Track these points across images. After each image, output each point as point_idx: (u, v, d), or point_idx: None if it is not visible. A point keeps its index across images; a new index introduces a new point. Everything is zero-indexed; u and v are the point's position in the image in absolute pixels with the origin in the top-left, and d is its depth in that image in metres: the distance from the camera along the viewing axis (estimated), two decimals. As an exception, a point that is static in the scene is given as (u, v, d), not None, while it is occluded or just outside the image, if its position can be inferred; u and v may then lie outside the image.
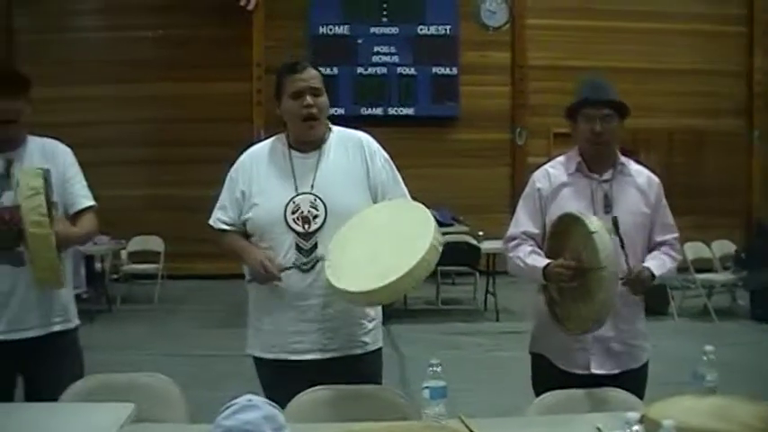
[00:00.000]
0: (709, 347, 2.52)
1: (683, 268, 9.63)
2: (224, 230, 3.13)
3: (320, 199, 3.01)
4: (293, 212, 3.00)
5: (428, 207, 2.90)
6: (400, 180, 3.18)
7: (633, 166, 3.30)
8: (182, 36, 12.14)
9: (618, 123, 3.19)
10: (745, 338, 8.31)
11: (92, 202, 3.35)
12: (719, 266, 10.04)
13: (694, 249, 9.79)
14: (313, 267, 2.95)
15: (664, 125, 12.64)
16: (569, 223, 3.00)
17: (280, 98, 3.10)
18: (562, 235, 3.06)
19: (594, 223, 2.85)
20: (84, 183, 3.36)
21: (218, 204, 3.18)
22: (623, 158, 3.27)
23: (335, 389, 2.81)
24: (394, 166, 3.19)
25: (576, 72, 11.61)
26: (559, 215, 3.07)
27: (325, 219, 2.99)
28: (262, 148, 3.21)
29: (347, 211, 2.98)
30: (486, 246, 9.32)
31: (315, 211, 3.00)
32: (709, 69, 12.81)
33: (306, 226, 2.99)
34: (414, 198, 3.10)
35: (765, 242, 9.67)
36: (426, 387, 2.30)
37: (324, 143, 3.12)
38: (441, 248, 2.71)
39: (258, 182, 3.08)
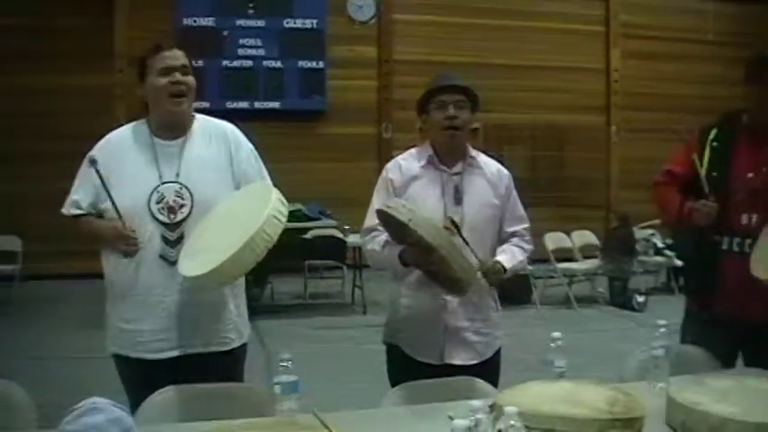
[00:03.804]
0: (556, 334, 2.59)
1: (544, 259, 9.97)
2: (78, 216, 3.00)
3: (186, 188, 2.92)
4: (158, 202, 2.89)
5: (296, 201, 2.86)
6: (266, 173, 3.12)
7: (483, 159, 3.35)
8: (37, 25, 11.62)
9: (469, 114, 3.23)
10: (603, 325, 8.65)
11: None
12: (580, 256, 10.39)
13: (555, 240, 10.10)
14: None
15: (528, 120, 12.99)
16: (387, 220, 3.01)
17: (144, 79, 2.99)
18: (392, 227, 3.06)
19: (404, 213, 2.86)
20: None
21: (72, 190, 3.03)
22: (473, 151, 3.32)
23: (190, 388, 2.73)
24: (260, 159, 3.13)
25: (443, 68, 11.79)
26: (376, 213, 3.09)
27: (191, 208, 2.90)
28: (122, 132, 3.07)
29: (213, 200, 2.91)
30: (353, 239, 9.31)
31: (181, 201, 2.91)
32: (571, 67, 13.26)
33: (171, 216, 2.89)
34: (282, 192, 3.04)
35: (624, 232, 10.05)
36: (277, 383, 2.27)
37: (187, 130, 3.02)
38: (283, 220, 2.68)
39: (119, 168, 2.94)
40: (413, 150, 3.37)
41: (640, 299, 9.51)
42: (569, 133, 13.31)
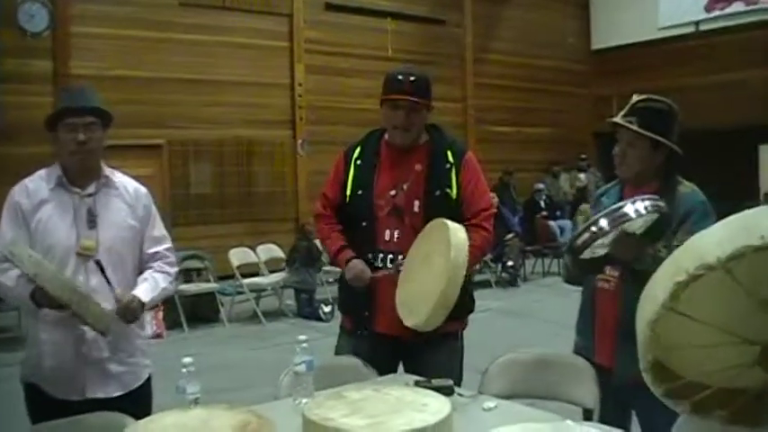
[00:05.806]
0: (187, 360, 2.53)
1: (230, 275, 9.95)
2: None
3: None
4: None
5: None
6: None
7: (119, 178, 3.22)
8: None
9: (102, 133, 3.09)
10: (291, 337, 8.69)
11: None
12: (266, 270, 10.48)
13: (240, 255, 10.13)
14: None
15: (214, 136, 12.91)
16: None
17: None
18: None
19: (29, 266, 2.75)
20: None
21: None
22: (108, 170, 3.18)
23: None
24: None
25: (124, 82, 11.48)
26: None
27: None
28: None
29: None
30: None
31: None
32: (257, 82, 13.37)
33: None
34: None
35: (307, 244, 10.24)
36: None
37: None
38: None
39: None
40: (42, 172, 3.14)
41: (327, 309, 9.76)
42: (256, 148, 13.43)
